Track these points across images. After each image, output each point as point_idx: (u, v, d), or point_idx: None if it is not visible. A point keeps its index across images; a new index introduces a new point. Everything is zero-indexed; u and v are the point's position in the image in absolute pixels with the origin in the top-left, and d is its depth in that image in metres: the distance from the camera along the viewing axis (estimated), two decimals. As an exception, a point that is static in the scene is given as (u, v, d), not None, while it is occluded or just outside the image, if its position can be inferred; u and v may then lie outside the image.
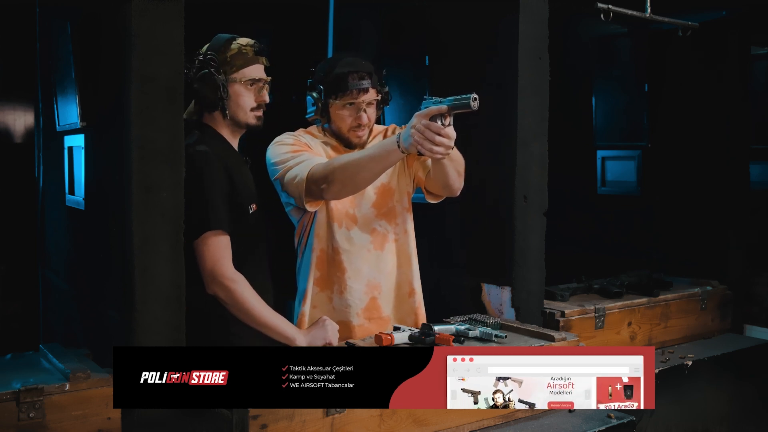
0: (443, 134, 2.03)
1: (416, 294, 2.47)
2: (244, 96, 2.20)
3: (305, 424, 1.77)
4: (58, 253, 2.75)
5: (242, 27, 2.58)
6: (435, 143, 2.04)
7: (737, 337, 3.32)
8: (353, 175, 2.15)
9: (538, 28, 2.68)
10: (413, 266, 2.47)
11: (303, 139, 2.37)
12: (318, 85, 2.36)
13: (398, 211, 2.44)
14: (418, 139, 2.04)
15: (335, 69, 2.33)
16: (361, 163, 2.15)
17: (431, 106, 2.06)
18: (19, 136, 4.07)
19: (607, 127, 4.08)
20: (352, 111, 2.34)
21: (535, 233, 2.71)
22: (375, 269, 2.40)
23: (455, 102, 2.02)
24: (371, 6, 3.40)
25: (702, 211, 3.59)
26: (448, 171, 2.25)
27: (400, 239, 2.45)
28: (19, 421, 1.70)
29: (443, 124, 2.04)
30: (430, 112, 2.04)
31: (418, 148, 2.05)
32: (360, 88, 2.31)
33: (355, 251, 2.38)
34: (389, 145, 2.12)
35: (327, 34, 3.23)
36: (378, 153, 2.14)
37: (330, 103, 2.34)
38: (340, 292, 2.39)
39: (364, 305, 2.39)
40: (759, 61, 4.20)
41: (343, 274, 2.37)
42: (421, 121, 2.04)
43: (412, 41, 3.28)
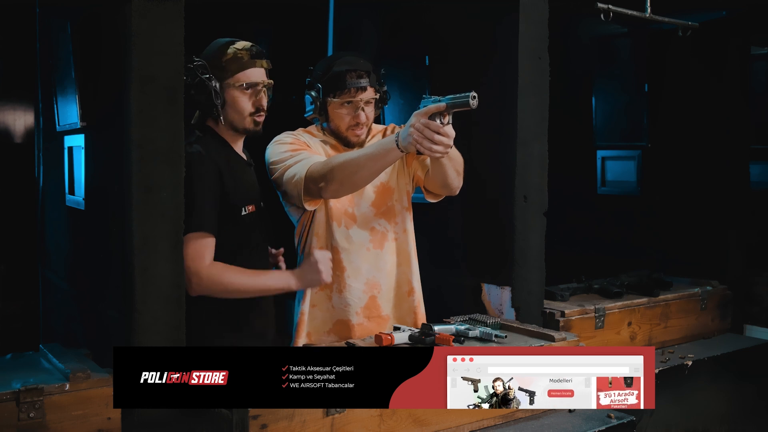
0: (442, 133, 2.04)
1: (415, 293, 2.47)
2: (240, 101, 2.19)
3: (305, 424, 1.77)
4: (58, 253, 2.75)
5: (242, 27, 2.59)
6: (434, 142, 2.04)
7: (737, 337, 3.32)
8: (352, 173, 2.15)
9: (538, 28, 2.68)
10: (413, 265, 2.47)
11: (302, 138, 2.37)
12: (316, 84, 2.35)
13: (397, 210, 2.44)
14: (417, 137, 2.04)
15: (333, 67, 2.33)
16: (359, 162, 2.14)
17: (430, 104, 2.06)
18: (19, 136, 4.07)
19: (607, 127, 4.08)
20: (350, 109, 2.34)
21: (535, 233, 2.71)
22: (374, 268, 2.40)
23: (454, 100, 2.02)
24: (371, 6, 3.40)
25: (702, 211, 3.59)
26: (447, 170, 2.25)
27: (399, 238, 2.45)
28: (19, 421, 1.71)
29: (442, 123, 2.04)
30: (429, 110, 2.04)
31: (417, 146, 2.05)
32: (358, 87, 2.31)
33: (354, 250, 2.38)
34: (388, 144, 2.12)
35: (327, 34, 3.22)
36: (377, 151, 2.14)
37: (328, 101, 2.34)
38: (339, 290, 2.39)
39: (363, 304, 2.39)
40: (759, 61, 4.20)
41: (343, 272, 2.37)
42: (420, 119, 2.04)
43: (412, 41, 3.28)
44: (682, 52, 3.61)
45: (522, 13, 2.63)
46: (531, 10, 2.66)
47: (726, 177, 3.55)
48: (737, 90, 3.56)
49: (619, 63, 4.02)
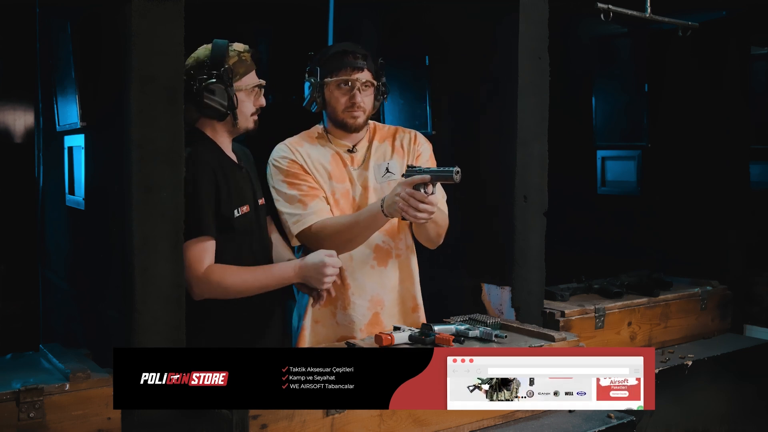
0: (426, 202, 2.16)
1: (420, 309, 2.50)
2: (245, 102, 2.22)
3: (305, 424, 1.77)
4: (58, 253, 2.74)
5: (242, 27, 2.59)
6: (418, 210, 2.16)
7: (737, 337, 3.32)
8: (344, 242, 2.30)
9: (538, 28, 2.68)
10: (415, 281, 2.50)
11: (299, 157, 2.37)
12: (315, 67, 2.39)
13: (401, 227, 2.46)
14: (402, 206, 2.17)
15: (332, 49, 2.39)
16: (352, 231, 2.29)
17: (415, 176, 2.18)
18: (19, 136, 4.06)
19: (607, 127, 4.08)
20: (346, 90, 2.35)
21: (535, 233, 2.71)
22: (378, 285, 2.42)
23: (438, 174, 2.16)
24: (371, 6, 3.39)
25: (702, 211, 3.59)
26: (429, 232, 2.40)
27: (402, 254, 2.46)
28: (19, 421, 1.71)
29: (426, 193, 2.16)
30: (414, 181, 2.17)
31: (402, 214, 2.18)
32: (355, 66, 2.35)
33: (358, 267, 2.40)
34: (374, 211, 2.26)
35: (327, 35, 3.22)
36: (364, 219, 2.28)
37: (325, 83, 2.36)
38: (343, 308, 2.40)
39: (367, 320, 2.40)
40: (759, 61, 4.20)
41: (347, 289, 2.39)
42: (405, 189, 2.16)
43: (412, 41, 3.28)
44: (682, 52, 3.61)
45: (522, 13, 2.63)
46: (531, 10, 2.66)
47: (726, 177, 3.54)
48: (737, 90, 3.55)
49: (619, 63, 4.02)
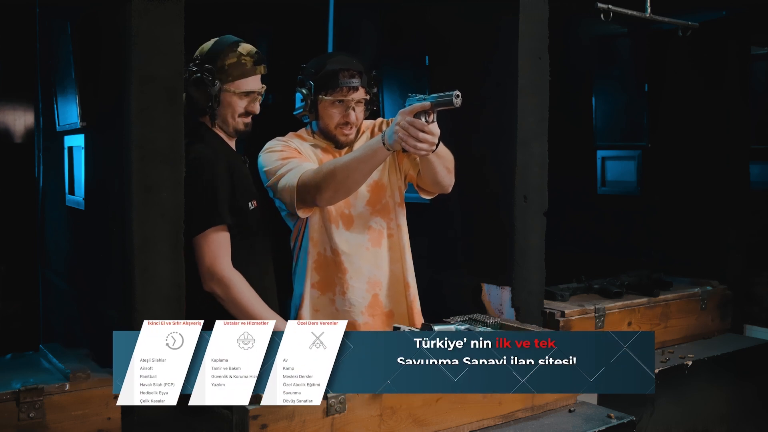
0: (426, 131, 2.06)
1: (411, 288, 2.48)
2: (234, 105, 2.21)
3: (305, 424, 1.77)
4: (58, 253, 2.75)
5: (242, 27, 2.59)
6: (419, 140, 2.06)
7: (737, 337, 3.32)
8: (344, 179, 2.17)
9: (538, 28, 2.68)
10: (407, 260, 2.48)
11: (292, 143, 2.37)
12: (308, 81, 2.36)
13: (391, 207, 2.45)
14: (402, 135, 2.07)
15: (326, 66, 2.34)
16: (350, 166, 2.16)
17: (415, 103, 2.08)
18: (19, 136, 4.07)
19: (607, 127, 4.08)
20: (340, 108, 2.34)
21: (535, 233, 2.71)
22: (374, 266, 2.41)
23: (438, 99, 2.05)
24: (371, 6, 3.40)
25: (702, 211, 3.59)
26: (436, 167, 2.26)
27: (393, 234, 2.46)
28: (19, 421, 1.71)
29: (427, 121, 2.07)
30: (414, 109, 2.07)
31: (402, 145, 2.08)
32: (350, 86, 2.32)
33: (354, 251, 2.39)
34: (375, 144, 2.15)
35: (327, 34, 3.23)
36: (365, 153, 2.16)
37: (319, 99, 2.35)
38: (342, 293, 2.39)
39: (367, 303, 2.40)
40: (759, 61, 4.20)
41: (345, 274, 2.38)
42: (405, 118, 2.07)
43: (412, 41, 3.28)
44: (682, 52, 3.61)
45: (522, 13, 2.63)
46: (531, 10, 2.66)
47: (726, 177, 3.54)
48: (737, 90, 3.56)
49: (619, 63, 4.02)
